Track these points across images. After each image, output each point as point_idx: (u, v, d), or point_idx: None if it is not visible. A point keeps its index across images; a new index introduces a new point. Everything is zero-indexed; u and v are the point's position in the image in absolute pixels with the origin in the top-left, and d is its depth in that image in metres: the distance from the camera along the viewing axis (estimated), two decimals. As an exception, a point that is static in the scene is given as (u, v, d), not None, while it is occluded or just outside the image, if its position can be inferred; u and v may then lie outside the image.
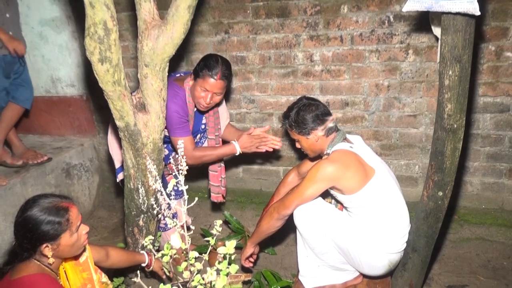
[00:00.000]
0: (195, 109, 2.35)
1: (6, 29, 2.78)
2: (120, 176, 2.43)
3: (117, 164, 2.45)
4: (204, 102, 2.20)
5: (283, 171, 3.16)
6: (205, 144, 2.57)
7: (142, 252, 2.12)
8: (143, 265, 2.08)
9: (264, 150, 2.40)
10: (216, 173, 2.58)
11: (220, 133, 2.52)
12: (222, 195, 2.64)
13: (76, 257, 1.68)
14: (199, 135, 2.53)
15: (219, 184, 2.61)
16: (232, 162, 3.18)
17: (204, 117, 2.46)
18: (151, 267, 2.11)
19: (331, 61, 2.76)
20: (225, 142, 2.54)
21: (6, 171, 2.82)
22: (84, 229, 1.60)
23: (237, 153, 2.36)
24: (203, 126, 2.49)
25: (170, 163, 2.40)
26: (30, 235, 1.45)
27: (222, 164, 2.59)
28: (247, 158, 3.09)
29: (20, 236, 1.47)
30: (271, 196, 2.44)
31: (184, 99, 2.26)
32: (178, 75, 2.44)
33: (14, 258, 1.52)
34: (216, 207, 3.25)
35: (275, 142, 2.38)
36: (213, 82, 2.14)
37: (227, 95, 2.93)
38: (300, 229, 2.01)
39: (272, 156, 3.14)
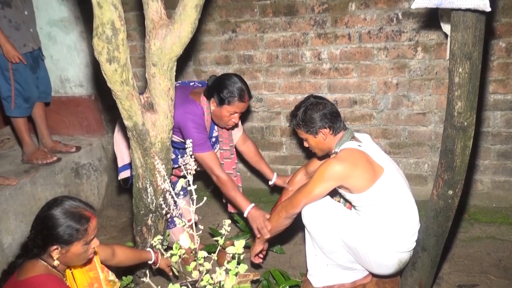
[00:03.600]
0: (211, 122, 2.34)
1: (27, 27, 2.82)
2: (121, 175, 2.44)
3: (120, 163, 2.45)
4: (234, 122, 2.28)
5: (291, 170, 3.15)
6: (217, 155, 2.49)
7: (148, 249, 2.13)
8: (150, 262, 2.09)
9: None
10: None
11: (233, 144, 2.51)
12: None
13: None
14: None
15: None
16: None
17: (215, 130, 2.45)
18: (158, 265, 2.13)
19: (339, 59, 2.74)
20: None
21: (16, 171, 2.84)
22: (95, 243, 1.60)
23: (244, 215, 2.23)
24: (214, 139, 2.47)
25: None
26: (46, 233, 1.47)
27: (238, 173, 2.57)
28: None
29: (37, 230, 1.49)
30: (279, 195, 2.43)
31: (202, 117, 2.26)
32: (192, 83, 2.44)
33: (24, 252, 1.54)
34: (225, 206, 3.25)
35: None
36: (243, 105, 2.23)
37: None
38: (309, 228, 2.01)
39: (279, 155, 3.14)
